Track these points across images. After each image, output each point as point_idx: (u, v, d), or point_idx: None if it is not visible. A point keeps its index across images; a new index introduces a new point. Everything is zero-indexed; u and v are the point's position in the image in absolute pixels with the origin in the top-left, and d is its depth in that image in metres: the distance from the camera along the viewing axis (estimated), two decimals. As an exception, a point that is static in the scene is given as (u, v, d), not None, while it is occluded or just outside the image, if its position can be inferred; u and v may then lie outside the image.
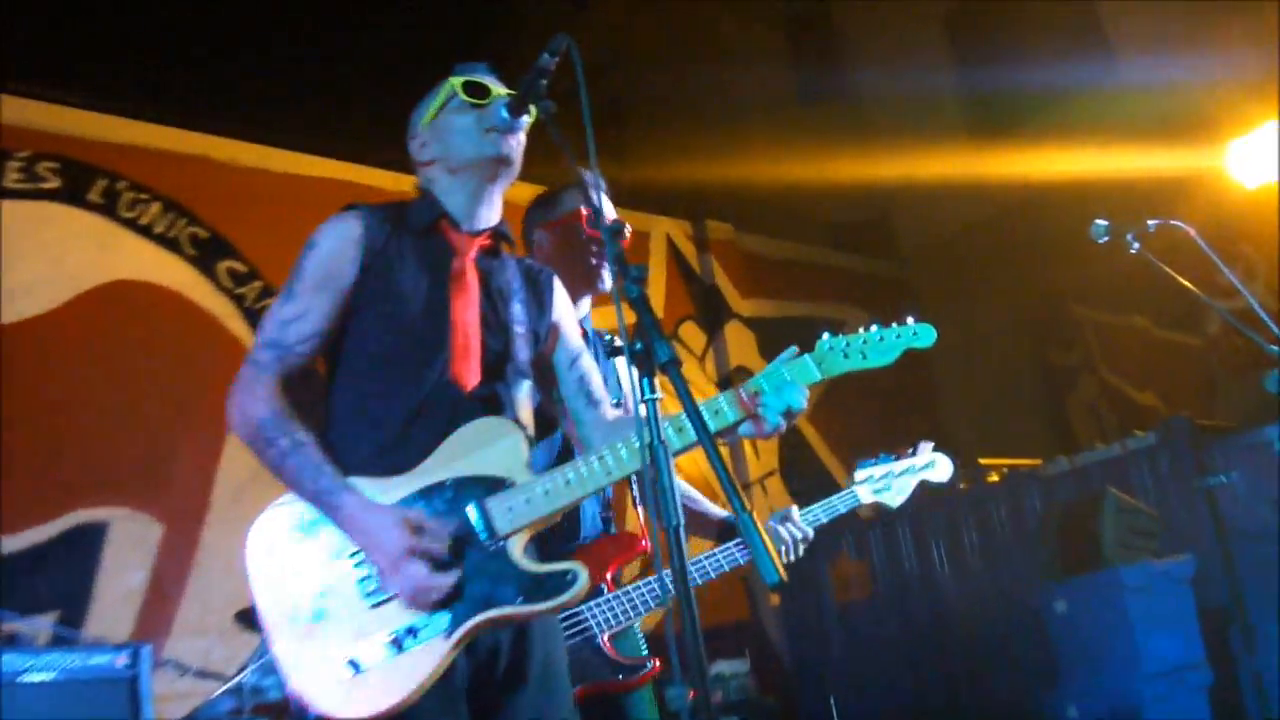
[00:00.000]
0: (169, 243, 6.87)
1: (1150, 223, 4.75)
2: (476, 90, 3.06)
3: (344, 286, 2.93)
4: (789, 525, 4.08)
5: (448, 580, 2.64)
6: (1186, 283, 4.73)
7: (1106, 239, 4.75)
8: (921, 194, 10.64)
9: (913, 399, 10.49)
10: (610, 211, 3.88)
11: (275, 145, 7.54)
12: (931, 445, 4.32)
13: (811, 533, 4.11)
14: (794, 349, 2.99)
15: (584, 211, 3.81)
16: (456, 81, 3.08)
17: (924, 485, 4.29)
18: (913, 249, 11.99)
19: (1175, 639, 5.79)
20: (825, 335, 3.03)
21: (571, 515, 3.56)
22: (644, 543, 3.93)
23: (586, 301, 3.94)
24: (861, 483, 4.23)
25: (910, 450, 4.30)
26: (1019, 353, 11.33)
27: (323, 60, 7.19)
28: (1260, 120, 7.66)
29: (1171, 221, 4.72)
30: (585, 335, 3.85)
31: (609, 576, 3.97)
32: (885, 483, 4.23)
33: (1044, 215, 9.71)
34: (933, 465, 4.28)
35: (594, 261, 3.84)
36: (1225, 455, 6.41)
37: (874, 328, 3.08)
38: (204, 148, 7.25)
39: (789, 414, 2.90)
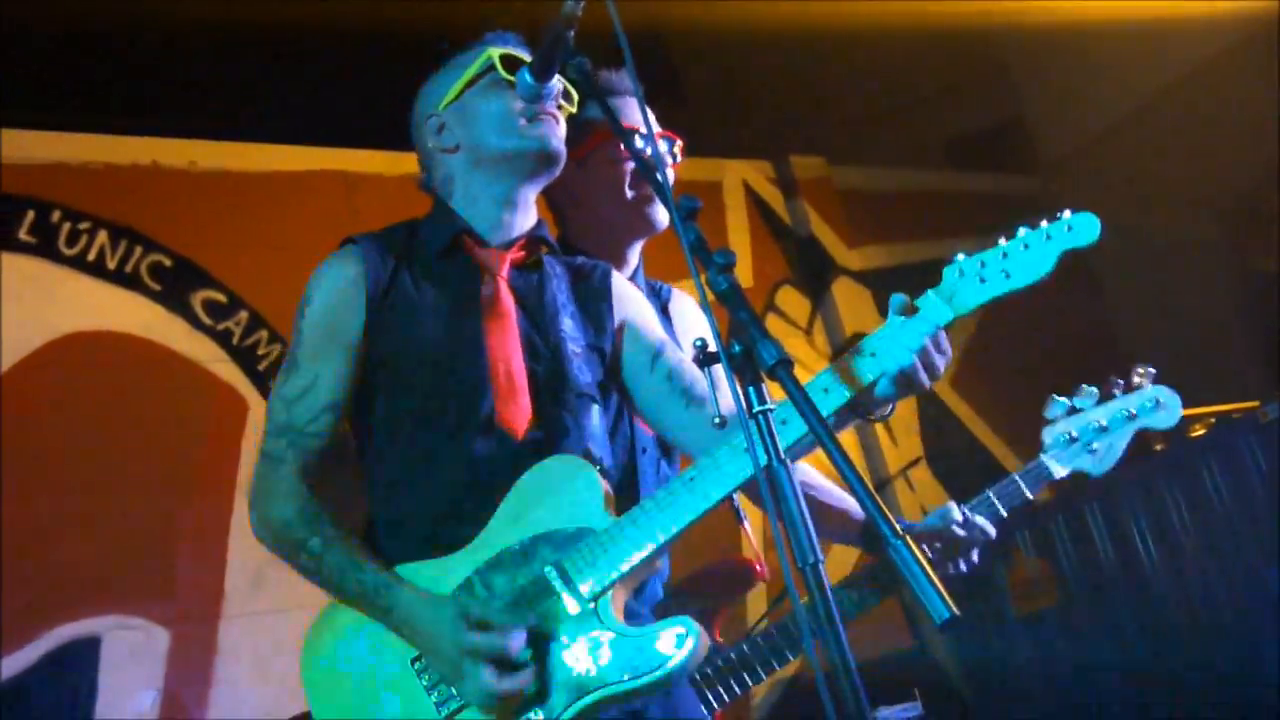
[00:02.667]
0: (127, 279, 6.89)
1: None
2: (517, 67, 3.10)
3: (351, 342, 3.01)
4: (954, 527, 3.85)
5: (517, 683, 2.69)
6: None
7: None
8: (1059, 80, 10.52)
9: (1082, 342, 10.40)
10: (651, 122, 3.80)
11: (240, 138, 7.52)
12: (1152, 374, 3.91)
13: (993, 530, 3.91)
14: (902, 298, 2.90)
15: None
16: (495, 53, 3.11)
17: (1141, 435, 3.87)
18: (1057, 155, 11.80)
19: None
20: (958, 258, 2.91)
21: (629, 478, 3.53)
22: (760, 567, 3.93)
23: (637, 250, 3.88)
24: (1053, 449, 3.90)
25: (1117, 387, 3.90)
26: (1211, 265, 11.17)
27: (282, 25, 7.16)
28: None
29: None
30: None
31: (718, 630, 3.99)
32: (1085, 442, 3.85)
33: (1221, 85, 9.60)
34: (1152, 405, 3.83)
35: (638, 194, 3.74)
36: None
37: (1016, 234, 2.93)
38: (152, 153, 7.25)
39: (902, 380, 2.84)
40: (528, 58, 3.13)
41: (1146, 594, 7.39)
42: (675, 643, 2.73)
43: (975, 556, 3.92)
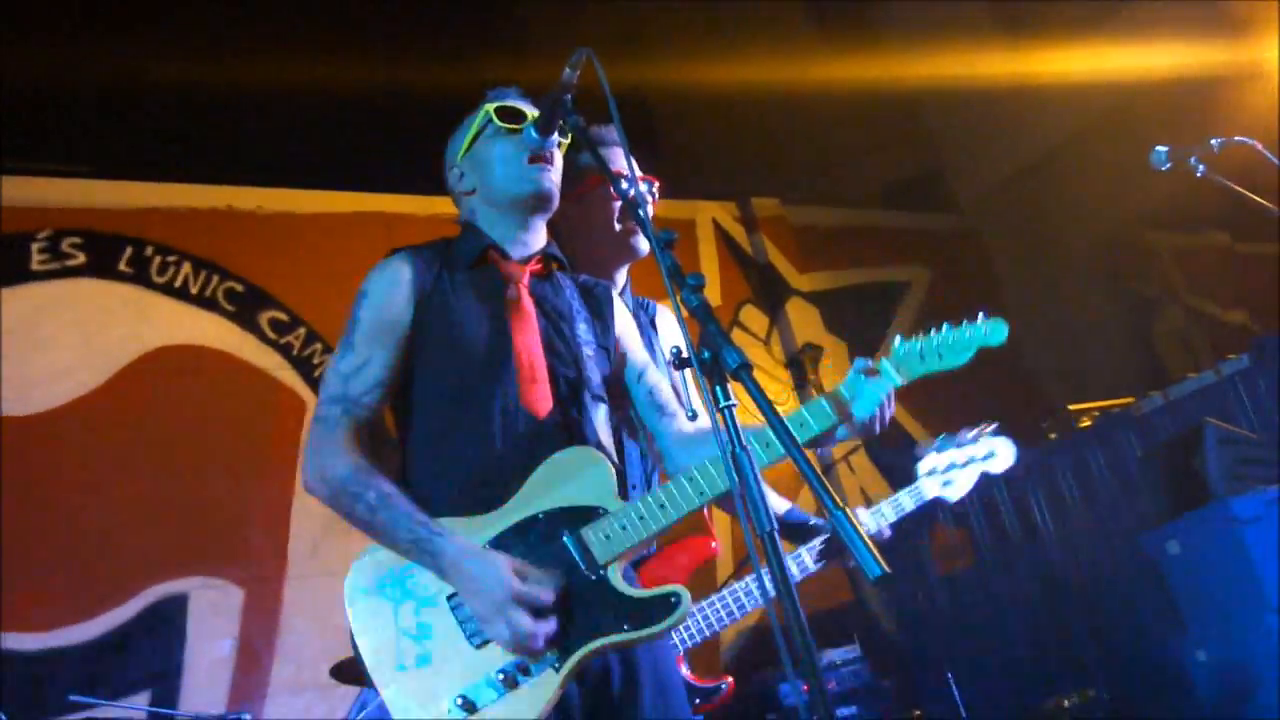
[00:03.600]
0: (206, 302, 7.00)
1: (1213, 142, 4.66)
2: (511, 116, 3.12)
3: (401, 331, 2.99)
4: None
5: (550, 628, 2.70)
6: (1261, 200, 4.66)
7: (1169, 166, 4.70)
8: (971, 138, 10.61)
9: (992, 353, 10.42)
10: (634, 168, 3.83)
11: (298, 186, 7.64)
12: (993, 429, 4.23)
13: (889, 532, 4.09)
14: (866, 360, 3.03)
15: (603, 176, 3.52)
16: (491, 108, 3.13)
17: (985, 477, 4.21)
18: (971, 198, 11.90)
19: (1301, 567, 5.66)
20: (898, 339, 3.05)
21: (620, 464, 3.53)
22: (714, 544, 3.96)
23: (624, 273, 3.89)
24: (927, 475, 4.17)
25: (971, 435, 4.21)
26: (1097, 289, 11.25)
27: (332, 93, 7.25)
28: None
29: (1236, 139, 4.65)
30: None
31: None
32: (948, 475, 4.17)
33: (1101, 143, 9.68)
34: (993, 455, 4.20)
35: (624, 227, 3.77)
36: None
37: (945, 328, 3.09)
38: (227, 199, 7.36)
39: (863, 426, 2.99)
40: (523, 105, 3.16)
41: (1043, 556, 7.42)
42: (670, 604, 2.77)
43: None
